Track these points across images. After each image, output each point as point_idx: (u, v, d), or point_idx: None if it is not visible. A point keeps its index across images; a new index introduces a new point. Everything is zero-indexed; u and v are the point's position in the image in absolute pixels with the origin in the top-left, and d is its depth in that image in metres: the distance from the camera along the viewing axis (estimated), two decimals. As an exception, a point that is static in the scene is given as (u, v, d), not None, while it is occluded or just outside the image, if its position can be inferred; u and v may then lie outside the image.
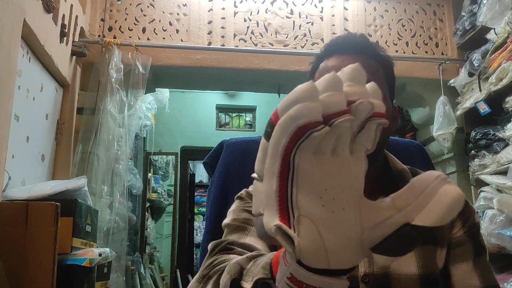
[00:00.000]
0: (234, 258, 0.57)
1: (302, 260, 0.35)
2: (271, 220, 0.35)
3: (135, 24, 2.95)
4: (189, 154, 5.19)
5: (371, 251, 0.35)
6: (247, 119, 5.49)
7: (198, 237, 6.06)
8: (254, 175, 0.37)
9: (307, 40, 3.08)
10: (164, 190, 4.97)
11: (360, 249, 0.35)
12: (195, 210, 5.92)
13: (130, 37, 2.92)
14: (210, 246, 0.69)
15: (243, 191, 0.84)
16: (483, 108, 2.64)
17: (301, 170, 0.34)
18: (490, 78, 2.60)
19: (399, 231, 0.35)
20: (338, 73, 0.35)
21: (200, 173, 6.37)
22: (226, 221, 0.78)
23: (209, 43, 2.98)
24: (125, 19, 2.95)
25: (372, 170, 0.73)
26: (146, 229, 4.35)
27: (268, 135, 0.35)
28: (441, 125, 2.86)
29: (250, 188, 0.84)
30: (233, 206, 0.82)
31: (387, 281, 0.73)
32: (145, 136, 4.25)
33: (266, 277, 0.45)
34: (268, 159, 0.35)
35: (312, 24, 3.12)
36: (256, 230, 0.38)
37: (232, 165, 1.08)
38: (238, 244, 0.67)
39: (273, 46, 3.05)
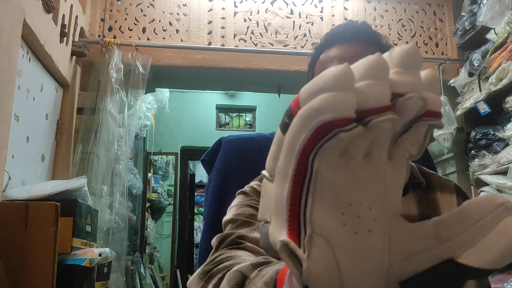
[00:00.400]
0: (240, 257, 0.52)
1: (310, 287, 0.27)
2: (278, 233, 0.28)
3: (135, 24, 2.95)
4: (189, 154, 5.18)
5: (400, 287, 0.28)
6: (247, 119, 5.49)
7: (198, 237, 6.06)
8: (265, 172, 0.30)
9: (307, 40, 3.08)
10: (164, 190, 4.96)
11: (385, 282, 0.27)
12: (195, 210, 5.91)
13: (130, 37, 2.92)
14: (215, 240, 0.64)
15: (247, 187, 0.78)
16: (483, 108, 2.64)
17: (321, 176, 0.26)
18: (490, 78, 2.60)
19: (438, 268, 0.27)
20: (385, 54, 0.28)
21: (200, 173, 6.37)
22: (227, 216, 0.72)
23: (209, 43, 2.98)
24: (125, 19, 2.95)
25: None
26: (146, 229, 4.35)
27: (285, 127, 0.28)
28: (441, 125, 2.86)
29: (253, 183, 0.78)
30: (235, 202, 0.77)
31: None
32: (145, 136, 4.25)
33: None
34: (282, 156, 0.28)
35: (312, 24, 3.12)
36: (260, 239, 0.32)
37: (230, 162, 1.08)
38: (249, 239, 0.61)
39: (273, 46, 3.05)
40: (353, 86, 0.26)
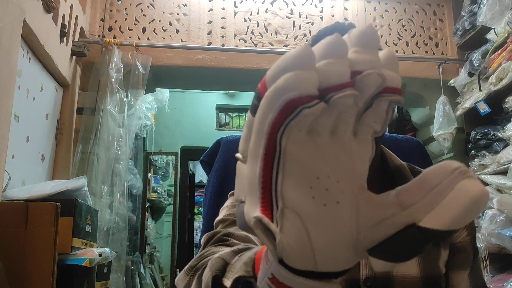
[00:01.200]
0: (224, 251, 0.53)
1: (285, 260, 0.29)
2: (252, 210, 0.29)
3: (135, 24, 2.95)
4: (189, 154, 5.18)
5: (368, 254, 0.29)
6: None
7: (198, 237, 6.04)
8: (238, 155, 0.31)
9: (307, 40, 3.07)
10: (164, 190, 4.97)
11: (355, 250, 0.29)
12: (195, 210, 5.91)
13: (130, 37, 2.92)
14: (204, 238, 0.65)
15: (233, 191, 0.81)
16: (483, 108, 2.64)
17: (289, 154, 0.27)
18: (490, 78, 2.60)
19: (402, 233, 0.28)
20: (344, 36, 0.28)
21: (200, 173, 6.37)
22: (219, 217, 0.74)
23: (209, 43, 2.98)
24: (125, 19, 2.95)
25: (371, 166, 0.69)
26: (146, 229, 4.35)
27: (254, 109, 0.29)
28: (441, 125, 2.86)
29: None
30: (227, 203, 0.78)
31: (389, 283, 0.71)
32: (145, 136, 4.25)
33: (248, 275, 0.41)
34: (252, 137, 0.29)
35: (312, 24, 3.12)
36: (237, 219, 0.32)
37: (229, 163, 1.08)
38: (235, 236, 0.62)
39: (273, 46, 3.05)
40: (314, 65, 0.27)
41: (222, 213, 0.75)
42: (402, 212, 0.28)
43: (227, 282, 0.43)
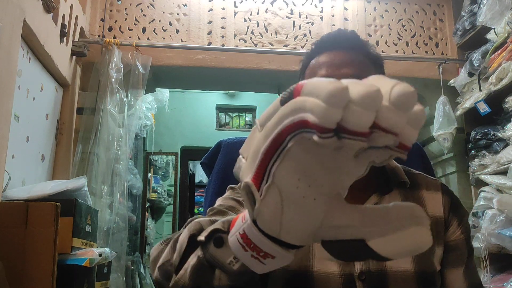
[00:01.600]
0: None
1: (257, 222, 0.37)
2: (246, 174, 0.36)
3: (135, 24, 2.95)
4: (189, 154, 5.18)
5: (321, 244, 0.37)
6: (247, 119, 5.49)
7: (198, 237, 6.04)
8: (257, 121, 0.36)
9: (307, 40, 3.08)
10: (164, 190, 4.97)
11: (312, 236, 0.36)
12: (195, 210, 5.91)
13: (130, 37, 2.92)
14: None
15: (233, 185, 0.84)
16: (483, 108, 2.64)
17: (293, 151, 0.33)
18: (490, 78, 2.60)
19: (351, 242, 0.35)
20: (386, 88, 0.31)
21: (200, 173, 6.37)
22: (212, 206, 0.77)
23: (209, 43, 2.98)
24: (125, 19, 2.95)
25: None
26: (146, 229, 4.35)
27: (283, 101, 0.33)
28: (441, 125, 2.86)
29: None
30: (225, 195, 0.82)
31: (384, 278, 0.72)
32: (145, 136, 4.25)
33: (222, 229, 0.46)
34: (272, 120, 0.34)
35: (312, 24, 3.12)
36: (235, 168, 0.40)
37: (229, 165, 1.08)
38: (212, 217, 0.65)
39: (273, 46, 3.05)
40: (344, 104, 0.30)
41: (217, 202, 0.78)
42: (360, 228, 0.35)
43: (201, 237, 0.48)
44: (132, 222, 3.56)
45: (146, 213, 4.41)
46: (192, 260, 0.50)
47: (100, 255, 1.76)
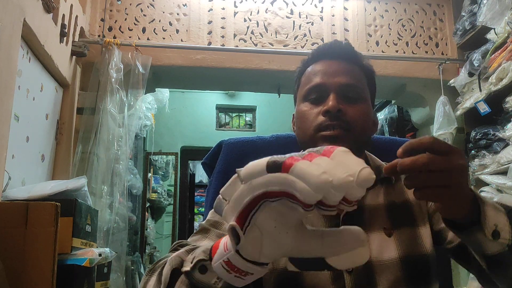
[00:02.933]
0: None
1: (240, 252, 0.48)
2: (230, 216, 0.47)
3: (135, 24, 2.95)
4: (189, 154, 5.19)
5: (288, 259, 0.51)
6: (247, 119, 5.49)
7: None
8: (240, 172, 0.46)
9: (307, 40, 3.08)
10: (164, 190, 4.96)
11: (283, 256, 0.50)
12: (195, 210, 5.91)
13: (130, 37, 2.92)
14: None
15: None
16: (483, 108, 2.64)
17: (273, 206, 0.46)
18: (490, 78, 2.60)
19: (314, 259, 0.49)
20: (354, 178, 0.43)
21: (200, 173, 6.37)
22: (202, 222, 0.86)
23: (209, 43, 2.98)
24: (125, 19, 2.95)
25: None
26: (146, 229, 4.35)
27: (270, 169, 0.44)
28: (441, 125, 2.86)
29: None
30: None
31: (370, 269, 0.77)
32: (145, 136, 4.25)
33: (206, 259, 0.55)
34: (259, 181, 0.45)
35: (312, 24, 3.12)
36: (215, 206, 0.49)
37: (230, 165, 1.08)
38: (188, 247, 0.74)
39: (273, 46, 3.05)
40: (326, 192, 0.42)
41: (209, 215, 0.87)
42: (320, 248, 0.49)
43: (186, 268, 0.57)
44: (132, 222, 3.56)
45: (146, 213, 4.41)
46: (180, 287, 0.59)
47: (100, 255, 1.76)
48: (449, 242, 0.80)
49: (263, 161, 0.45)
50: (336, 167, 0.42)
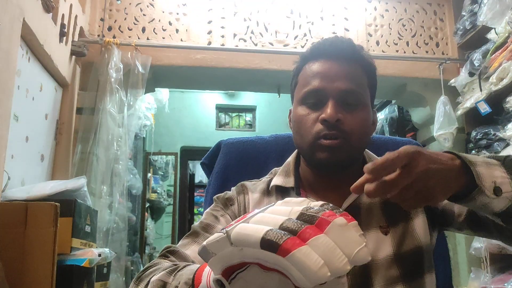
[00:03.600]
0: (160, 264, 0.69)
1: None
2: (215, 267, 0.47)
3: (134, 24, 2.95)
4: (188, 154, 5.18)
5: None
6: (247, 119, 5.49)
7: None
8: (231, 235, 0.45)
9: (307, 40, 3.07)
10: (164, 190, 4.96)
11: None
12: (195, 211, 5.91)
13: (129, 36, 2.91)
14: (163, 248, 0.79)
15: (220, 194, 0.91)
16: (484, 108, 2.63)
17: (259, 269, 0.46)
18: (491, 78, 2.59)
19: None
20: (348, 252, 0.43)
21: (200, 173, 6.37)
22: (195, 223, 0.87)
23: (209, 43, 2.97)
24: (125, 19, 2.94)
25: (355, 171, 0.83)
26: (146, 230, 4.34)
27: (265, 247, 0.42)
28: (441, 125, 2.85)
29: (227, 193, 0.92)
30: (209, 207, 0.90)
31: (366, 268, 0.77)
32: (144, 136, 4.24)
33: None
34: (252, 252, 0.44)
35: (312, 23, 3.12)
36: (200, 251, 0.48)
37: (229, 165, 1.08)
38: (177, 254, 0.77)
39: (273, 46, 3.04)
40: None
41: (203, 215, 0.88)
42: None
43: None
44: (131, 223, 3.55)
45: (146, 213, 4.41)
46: None
47: (99, 255, 1.76)
48: (458, 215, 0.80)
49: (257, 234, 0.42)
50: (333, 251, 0.41)
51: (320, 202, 0.48)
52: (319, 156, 0.80)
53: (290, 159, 0.94)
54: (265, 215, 0.46)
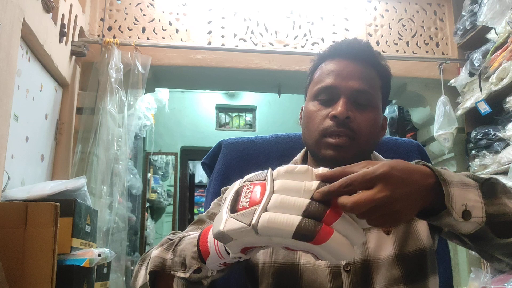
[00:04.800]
0: (161, 242, 0.73)
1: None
2: (235, 249, 0.53)
3: (134, 24, 2.95)
4: (189, 154, 5.18)
5: None
6: (247, 119, 5.48)
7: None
8: (257, 226, 0.48)
9: (307, 40, 3.07)
10: (164, 190, 4.96)
11: None
12: (195, 210, 5.91)
13: (129, 36, 2.91)
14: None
15: (227, 186, 0.90)
16: (484, 108, 2.63)
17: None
18: (491, 78, 2.59)
19: None
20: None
21: (200, 173, 6.37)
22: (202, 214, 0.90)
23: (209, 43, 2.97)
24: (125, 19, 2.94)
25: None
26: (146, 229, 4.34)
27: (298, 237, 0.47)
28: (441, 125, 2.85)
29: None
30: (216, 198, 0.92)
31: (367, 267, 0.77)
32: (144, 136, 4.24)
33: (199, 266, 0.62)
34: (281, 240, 0.49)
35: (312, 23, 3.12)
36: (215, 236, 0.50)
37: (230, 165, 1.08)
38: (167, 243, 0.78)
39: (273, 46, 3.04)
40: None
41: (211, 205, 0.90)
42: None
43: (182, 274, 0.64)
44: (131, 222, 3.55)
45: (146, 213, 4.41)
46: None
47: (99, 255, 1.76)
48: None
49: (288, 228, 0.45)
50: (354, 228, 0.49)
51: (321, 169, 0.53)
52: (324, 153, 0.81)
53: (298, 156, 0.95)
54: (283, 197, 0.48)
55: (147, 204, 4.51)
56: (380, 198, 0.51)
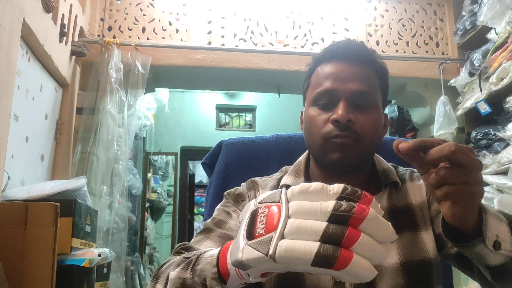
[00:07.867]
0: (173, 260, 0.69)
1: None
2: (255, 275, 0.51)
3: (134, 24, 2.95)
4: (189, 154, 5.18)
5: None
6: (247, 119, 5.49)
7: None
8: (274, 256, 0.46)
9: (307, 40, 3.07)
10: (164, 190, 4.96)
11: None
12: (195, 210, 5.91)
13: (129, 36, 2.91)
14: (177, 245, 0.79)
15: (230, 190, 0.91)
16: (484, 108, 2.63)
17: None
18: (491, 78, 2.59)
19: None
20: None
21: (200, 173, 6.37)
22: (209, 220, 0.87)
23: (209, 43, 2.97)
24: (125, 19, 2.94)
25: (363, 173, 0.86)
26: (146, 229, 4.34)
27: (318, 264, 0.45)
28: (441, 125, 2.85)
29: (237, 188, 0.92)
30: (220, 204, 0.90)
31: None
32: (144, 136, 4.24)
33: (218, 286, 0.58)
34: (300, 267, 0.47)
35: (312, 23, 3.12)
36: (233, 264, 0.50)
37: (230, 165, 1.08)
38: (190, 249, 0.76)
39: (273, 46, 3.04)
40: None
41: (215, 212, 0.87)
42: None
43: None
44: (131, 223, 3.55)
45: (146, 213, 4.41)
46: None
47: (99, 255, 1.75)
48: (451, 247, 0.78)
49: (306, 256, 0.44)
50: (374, 247, 0.46)
51: (337, 186, 0.49)
52: (331, 157, 0.80)
53: (301, 158, 0.94)
54: (299, 222, 0.46)
55: (147, 204, 4.51)
56: (462, 159, 0.53)
